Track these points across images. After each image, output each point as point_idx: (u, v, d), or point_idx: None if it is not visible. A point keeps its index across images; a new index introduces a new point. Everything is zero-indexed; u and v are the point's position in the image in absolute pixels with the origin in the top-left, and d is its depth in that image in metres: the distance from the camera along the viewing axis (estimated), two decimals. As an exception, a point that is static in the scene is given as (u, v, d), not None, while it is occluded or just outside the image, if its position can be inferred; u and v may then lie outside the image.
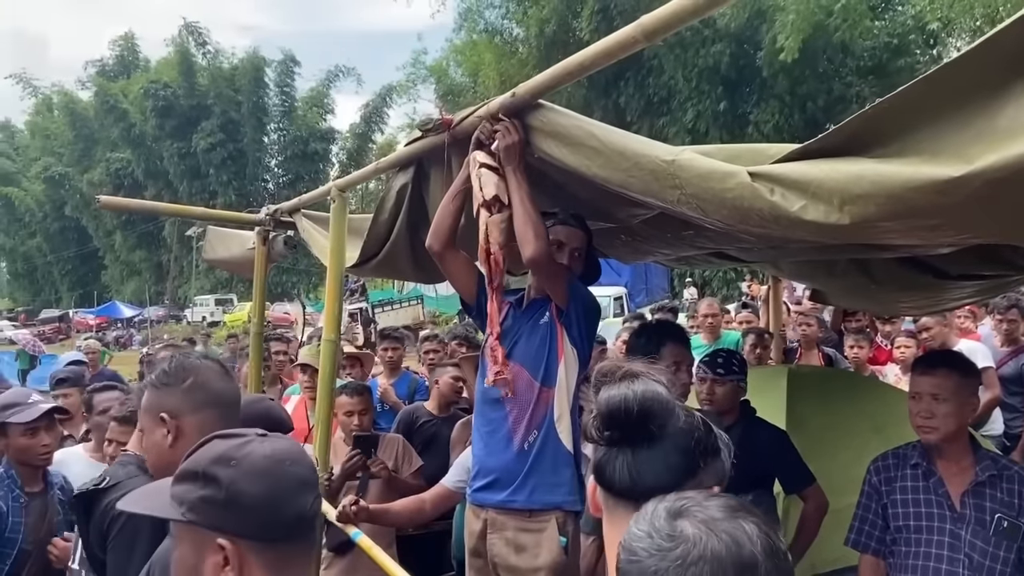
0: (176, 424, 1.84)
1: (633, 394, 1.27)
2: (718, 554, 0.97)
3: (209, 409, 1.86)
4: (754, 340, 5.42)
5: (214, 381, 1.91)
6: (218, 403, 1.88)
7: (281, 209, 3.99)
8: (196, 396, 1.87)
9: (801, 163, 1.49)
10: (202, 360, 1.98)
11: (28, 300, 58.56)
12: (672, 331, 2.89)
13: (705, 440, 1.24)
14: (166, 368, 1.94)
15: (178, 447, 1.80)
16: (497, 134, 2.28)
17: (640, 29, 1.71)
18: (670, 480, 1.20)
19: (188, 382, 1.87)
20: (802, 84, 23.11)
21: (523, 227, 2.32)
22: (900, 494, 2.60)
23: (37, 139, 53.23)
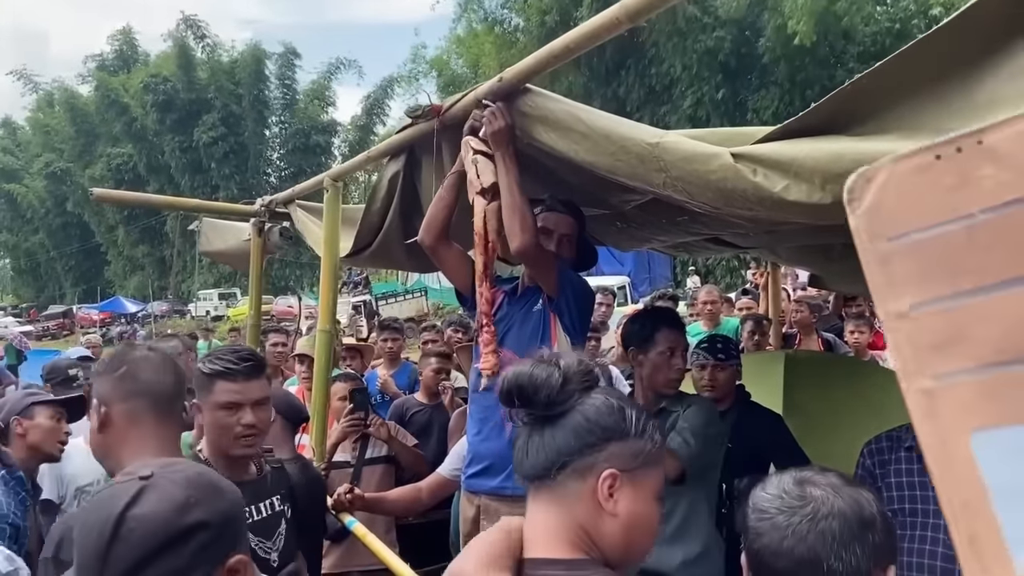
0: (105, 411, 1.83)
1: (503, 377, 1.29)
2: (843, 511, 1.23)
3: (137, 399, 1.83)
4: (752, 326, 5.40)
5: (146, 372, 1.87)
6: (147, 394, 1.84)
7: (276, 200, 4.00)
8: (126, 385, 1.84)
9: (783, 143, 1.49)
10: (143, 351, 1.96)
11: (32, 296, 58.71)
12: (666, 317, 2.87)
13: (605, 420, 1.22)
14: (106, 357, 2.00)
15: (107, 434, 1.83)
16: (484, 119, 2.27)
17: (623, 10, 1.70)
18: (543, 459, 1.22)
19: (120, 371, 1.86)
20: (803, 70, 23.02)
21: (510, 217, 2.31)
22: (894, 477, 2.57)
23: (38, 135, 53.21)
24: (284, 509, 2.37)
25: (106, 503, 1.19)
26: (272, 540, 2.30)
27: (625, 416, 1.24)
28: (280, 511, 2.36)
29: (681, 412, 2.64)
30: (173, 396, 1.90)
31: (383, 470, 4.12)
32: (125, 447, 1.81)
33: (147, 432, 1.81)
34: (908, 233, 0.54)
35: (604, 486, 1.20)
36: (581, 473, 1.21)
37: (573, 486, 1.21)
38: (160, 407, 1.85)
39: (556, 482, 1.22)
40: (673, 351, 2.70)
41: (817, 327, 5.79)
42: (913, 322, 0.54)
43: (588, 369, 1.27)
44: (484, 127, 2.28)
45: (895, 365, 0.56)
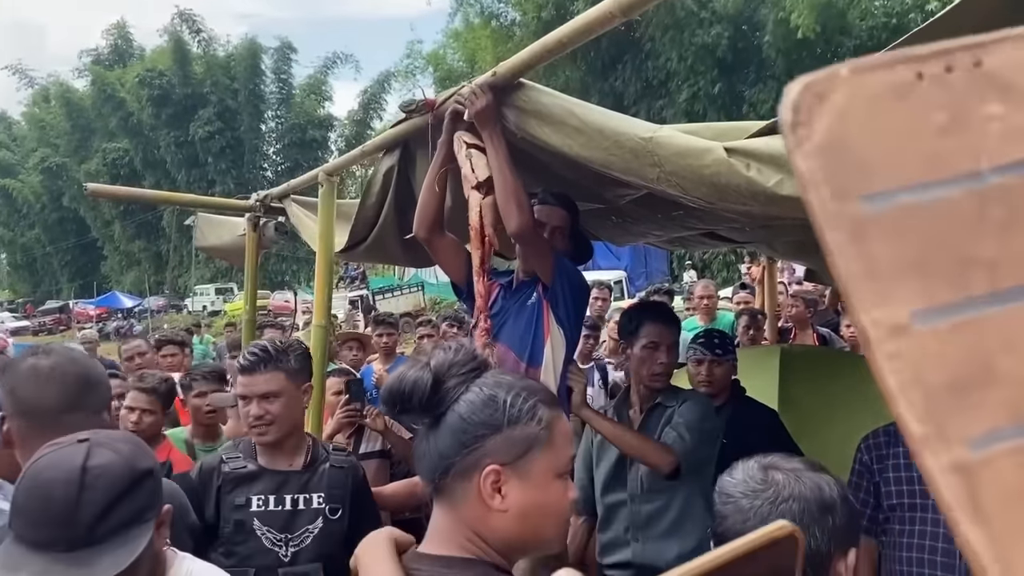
0: (7, 427, 1.70)
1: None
2: (804, 495, 1.25)
3: (20, 418, 1.69)
4: (747, 321, 5.41)
5: (23, 389, 1.71)
6: (27, 412, 1.69)
7: (271, 195, 3.99)
8: (9, 401, 1.72)
9: (776, 137, 1.49)
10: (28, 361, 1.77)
11: (28, 291, 58.59)
12: (652, 311, 2.85)
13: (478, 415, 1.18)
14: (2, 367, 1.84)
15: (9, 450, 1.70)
16: (466, 101, 2.24)
17: (617, 5, 1.69)
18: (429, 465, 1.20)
19: (6, 386, 1.73)
20: (801, 65, 23.00)
21: (505, 199, 2.26)
22: (893, 472, 2.53)
23: (34, 130, 53.07)
24: (325, 508, 2.34)
25: (57, 463, 1.31)
26: (294, 534, 2.28)
27: (499, 406, 1.18)
28: (319, 509, 2.33)
29: (676, 407, 2.64)
30: (55, 411, 1.70)
31: (377, 464, 4.11)
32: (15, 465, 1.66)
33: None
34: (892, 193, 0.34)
35: (487, 483, 1.17)
36: (464, 474, 1.18)
37: (459, 488, 1.19)
38: (44, 422, 1.66)
39: (445, 485, 1.20)
40: (657, 345, 2.70)
41: (813, 322, 5.80)
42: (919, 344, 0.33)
43: (467, 359, 1.22)
44: (467, 110, 2.25)
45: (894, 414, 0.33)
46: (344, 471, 2.43)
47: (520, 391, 1.21)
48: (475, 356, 1.24)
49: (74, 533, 1.26)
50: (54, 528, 1.26)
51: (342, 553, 2.24)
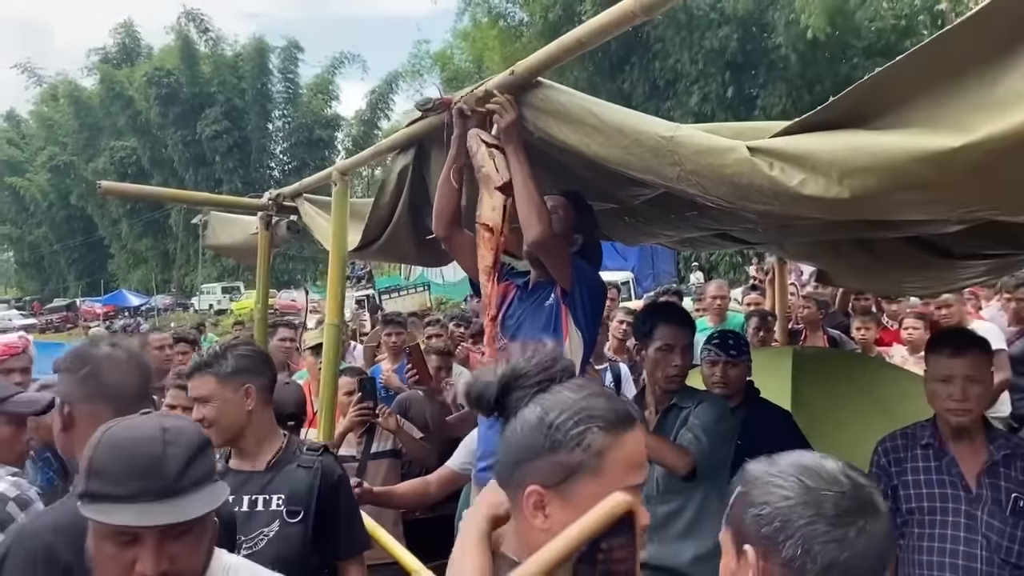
0: (68, 410, 1.84)
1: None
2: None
3: (100, 401, 1.82)
4: (757, 322, 5.39)
5: (109, 373, 1.87)
6: (110, 396, 1.83)
7: (283, 194, 3.99)
8: (89, 385, 1.85)
9: (800, 136, 1.48)
10: (110, 350, 1.93)
11: (36, 289, 58.83)
12: (665, 312, 2.84)
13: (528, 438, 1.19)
14: (68, 354, 1.95)
15: (70, 433, 1.83)
16: (495, 114, 2.26)
17: (638, 4, 1.69)
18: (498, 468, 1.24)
19: (83, 371, 1.86)
20: (812, 67, 22.94)
21: (526, 209, 2.29)
22: (911, 475, 2.53)
23: (42, 128, 53.27)
24: (283, 510, 2.27)
25: (136, 425, 1.45)
26: (248, 536, 2.22)
27: (544, 430, 1.18)
28: (276, 511, 2.27)
29: (692, 408, 2.64)
30: (136, 396, 1.87)
31: (388, 464, 4.12)
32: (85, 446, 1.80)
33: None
34: None
35: (529, 503, 1.18)
36: (514, 488, 1.21)
37: (513, 498, 1.22)
38: (124, 409, 1.78)
39: (507, 491, 1.23)
40: (671, 347, 2.69)
41: (823, 324, 5.78)
42: None
43: (537, 370, 1.22)
44: (496, 120, 2.27)
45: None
46: (310, 471, 2.33)
47: (575, 413, 1.19)
48: (548, 365, 1.24)
49: (162, 484, 1.36)
50: (143, 480, 1.35)
51: (304, 557, 2.24)
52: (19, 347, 3.54)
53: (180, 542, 1.38)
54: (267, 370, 2.42)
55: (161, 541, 1.35)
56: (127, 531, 1.34)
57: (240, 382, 2.32)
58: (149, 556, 1.34)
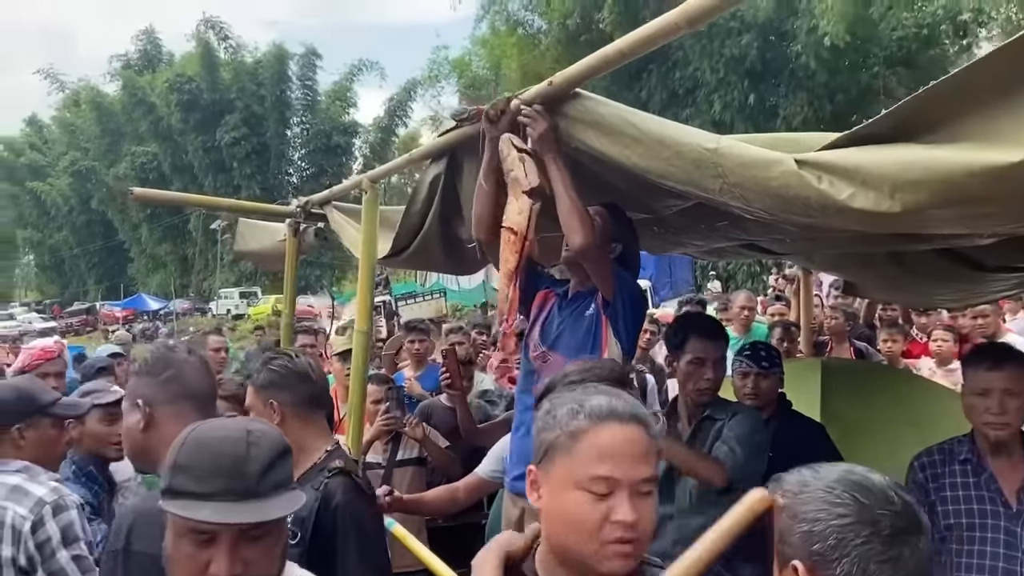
0: (150, 412, 1.90)
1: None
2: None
3: (183, 402, 1.91)
4: (781, 333, 5.35)
5: (191, 375, 1.97)
6: (193, 396, 1.94)
7: (312, 201, 4.01)
8: (172, 388, 1.93)
9: (850, 150, 1.47)
10: (185, 354, 2.03)
11: (56, 293, 59.43)
12: (697, 325, 2.81)
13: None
14: (148, 356, 2.02)
15: (150, 433, 1.89)
16: (527, 126, 2.27)
17: (683, 15, 1.69)
18: None
19: (167, 373, 1.94)
20: (833, 76, 22.82)
21: (569, 216, 2.29)
22: (950, 491, 2.50)
23: (64, 133, 53.87)
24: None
25: (222, 427, 1.50)
26: None
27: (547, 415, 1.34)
28: None
29: (726, 420, 2.62)
30: (213, 397, 2.01)
31: (414, 472, 4.13)
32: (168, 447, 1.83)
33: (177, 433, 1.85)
34: None
35: (528, 481, 1.34)
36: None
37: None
38: (203, 409, 1.92)
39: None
40: (703, 361, 2.67)
41: (849, 336, 5.74)
42: None
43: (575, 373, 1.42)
44: (529, 132, 2.28)
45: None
46: (315, 492, 2.23)
47: (572, 403, 1.32)
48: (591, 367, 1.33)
49: (244, 484, 1.38)
50: (226, 479, 1.38)
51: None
52: (54, 352, 3.58)
53: (255, 546, 1.39)
54: (298, 384, 2.35)
55: (236, 543, 1.37)
56: (205, 530, 1.36)
57: (267, 396, 2.33)
58: (223, 557, 1.35)
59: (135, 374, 2.02)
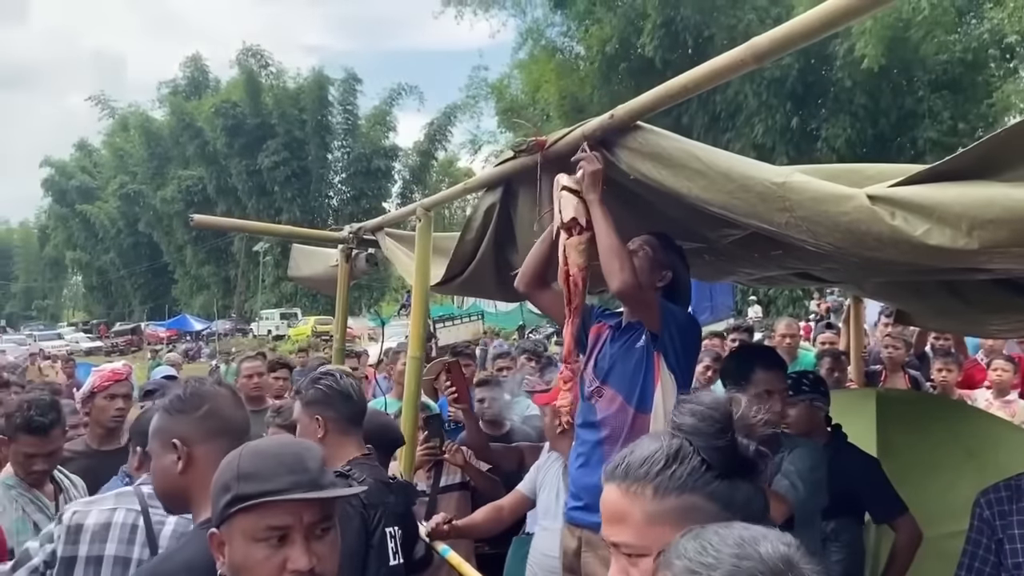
0: (188, 451, 1.82)
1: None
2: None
3: (222, 438, 1.82)
4: (831, 363, 5.22)
5: (227, 409, 1.91)
6: (230, 432, 1.86)
7: (364, 227, 4.08)
8: (209, 424, 1.85)
9: (925, 186, 1.47)
10: (216, 387, 1.98)
11: (102, 313, 60.70)
12: (764, 358, 2.78)
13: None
14: (180, 394, 1.92)
15: (188, 474, 1.81)
16: (580, 164, 2.30)
17: (751, 51, 1.70)
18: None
19: (203, 410, 1.86)
20: (876, 99, 22.58)
21: (608, 258, 2.32)
22: (1018, 528, 2.41)
23: (113, 158, 55.32)
24: None
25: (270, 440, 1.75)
26: None
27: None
28: None
29: (786, 455, 2.59)
30: (246, 431, 1.93)
31: (459, 497, 4.13)
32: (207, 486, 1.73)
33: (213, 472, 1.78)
34: None
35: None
36: None
37: None
38: (239, 443, 1.81)
39: None
40: (771, 393, 2.64)
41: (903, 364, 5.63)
42: None
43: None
44: (580, 169, 2.31)
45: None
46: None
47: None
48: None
49: (309, 477, 1.43)
50: (293, 474, 1.42)
51: None
52: (123, 374, 3.66)
53: (322, 541, 1.43)
54: (341, 403, 2.49)
55: (307, 539, 1.41)
56: (280, 525, 1.39)
57: (313, 412, 2.48)
58: (300, 551, 1.39)
59: (164, 411, 1.90)
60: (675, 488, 1.13)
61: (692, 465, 1.15)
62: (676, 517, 1.11)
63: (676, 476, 1.14)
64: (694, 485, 1.14)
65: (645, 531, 1.13)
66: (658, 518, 1.13)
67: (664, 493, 1.14)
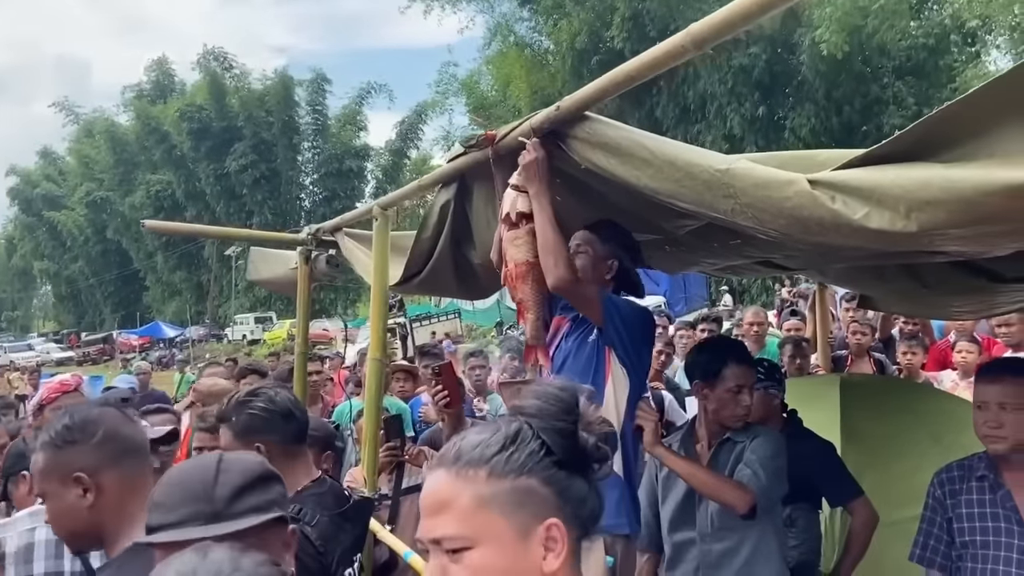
0: (95, 482, 1.69)
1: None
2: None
3: (126, 459, 1.74)
4: (792, 349, 5.22)
5: (122, 429, 1.78)
6: (132, 450, 1.76)
7: (323, 228, 4.02)
8: (110, 448, 1.73)
9: (864, 169, 1.45)
10: (103, 409, 1.84)
11: (73, 322, 59.93)
12: (734, 352, 2.75)
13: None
14: (68, 424, 1.76)
15: (99, 505, 1.69)
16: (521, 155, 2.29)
17: (689, 37, 1.68)
18: None
19: (99, 435, 1.73)
20: (839, 87, 22.81)
21: (543, 253, 2.31)
22: (966, 508, 2.49)
23: (79, 165, 54.53)
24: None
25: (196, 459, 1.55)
26: None
27: None
28: None
29: (747, 443, 2.58)
30: (147, 446, 1.86)
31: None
32: (123, 513, 1.71)
33: (142, 490, 1.67)
34: None
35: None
36: None
37: None
38: (144, 460, 1.80)
39: None
40: (741, 388, 2.64)
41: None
42: None
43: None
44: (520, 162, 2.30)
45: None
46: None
47: None
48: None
49: (211, 508, 1.36)
50: (192, 504, 1.36)
51: None
52: (72, 385, 3.58)
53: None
54: (281, 423, 2.26)
55: None
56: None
57: (250, 440, 2.20)
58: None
59: (52, 447, 1.73)
60: (511, 471, 1.07)
61: (531, 448, 1.08)
62: (509, 501, 1.06)
63: (513, 458, 1.07)
64: (531, 468, 1.07)
65: (472, 518, 1.06)
66: (489, 502, 1.06)
67: (499, 476, 1.07)
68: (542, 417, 1.09)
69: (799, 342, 5.35)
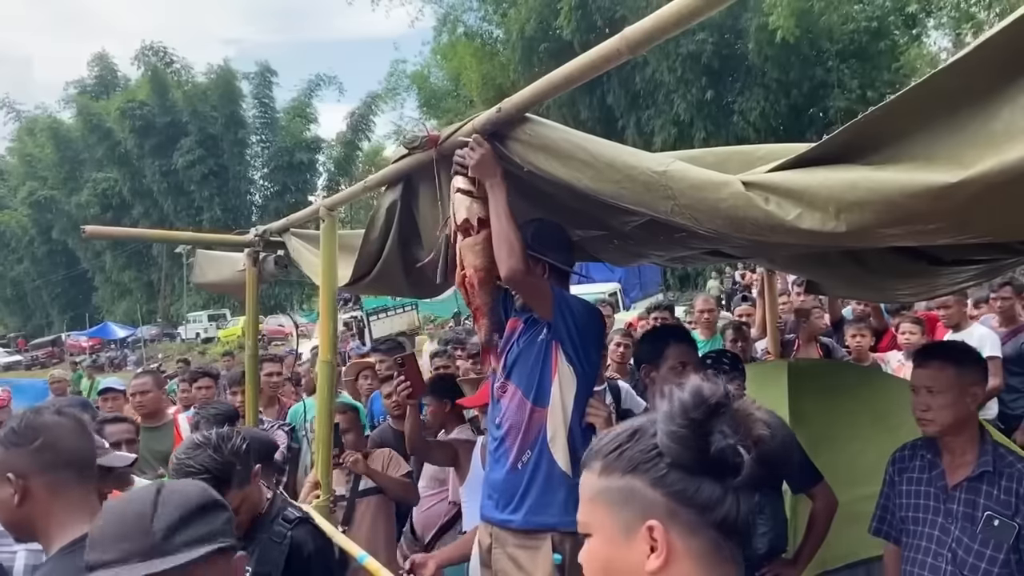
0: (23, 485, 1.76)
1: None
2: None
3: (60, 471, 1.79)
4: (733, 334, 5.35)
5: (66, 441, 1.83)
6: (71, 463, 1.81)
7: (270, 229, 3.97)
8: (45, 457, 1.79)
9: (795, 171, 1.48)
10: (57, 418, 1.87)
11: (19, 325, 58.28)
12: (674, 334, 2.83)
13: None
14: (15, 427, 1.84)
15: (26, 507, 1.76)
16: (465, 156, 2.27)
17: (624, 41, 1.69)
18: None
19: (37, 442, 1.79)
20: (787, 71, 23.14)
21: (497, 245, 2.31)
22: (907, 485, 2.63)
23: (21, 164, 52.91)
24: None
25: (130, 495, 1.47)
26: None
27: None
28: None
29: None
30: (92, 460, 1.88)
31: (377, 501, 4.10)
32: (50, 518, 1.76)
33: (73, 500, 1.77)
34: None
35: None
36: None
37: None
38: (83, 474, 1.83)
39: None
40: (684, 365, 2.68)
41: (816, 333, 5.78)
42: None
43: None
44: (468, 163, 2.28)
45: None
46: (279, 545, 2.26)
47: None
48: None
49: (149, 542, 1.33)
50: (129, 541, 1.34)
51: None
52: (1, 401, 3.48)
53: None
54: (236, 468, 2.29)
55: None
56: None
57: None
58: None
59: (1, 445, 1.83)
60: (620, 468, 1.07)
61: (643, 446, 1.06)
62: (615, 499, 1.06)
63: (625, 455, 1.07)
64: (639, 468, 1.05)
65: (588, 508, 1.10)
66: (599, 496, 1.08)
67: (610, 471, 1.08)
68: (665, 418, 1.06)
69: (739, 326, 5.50)
